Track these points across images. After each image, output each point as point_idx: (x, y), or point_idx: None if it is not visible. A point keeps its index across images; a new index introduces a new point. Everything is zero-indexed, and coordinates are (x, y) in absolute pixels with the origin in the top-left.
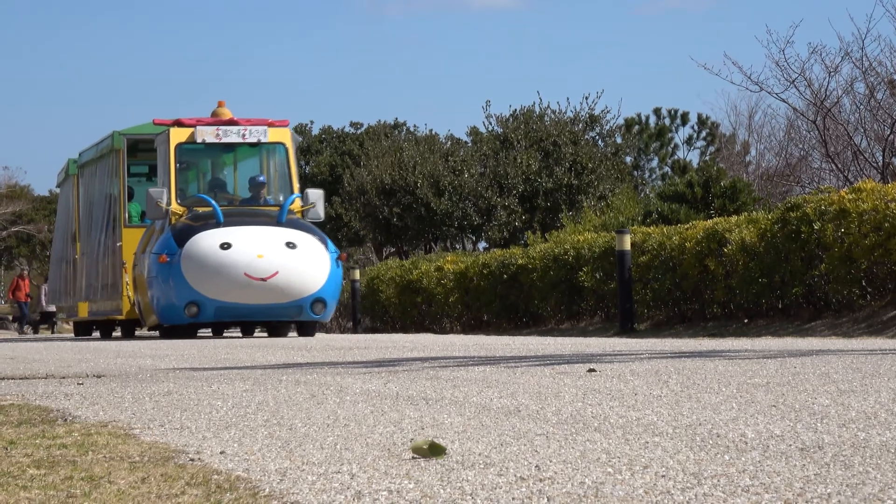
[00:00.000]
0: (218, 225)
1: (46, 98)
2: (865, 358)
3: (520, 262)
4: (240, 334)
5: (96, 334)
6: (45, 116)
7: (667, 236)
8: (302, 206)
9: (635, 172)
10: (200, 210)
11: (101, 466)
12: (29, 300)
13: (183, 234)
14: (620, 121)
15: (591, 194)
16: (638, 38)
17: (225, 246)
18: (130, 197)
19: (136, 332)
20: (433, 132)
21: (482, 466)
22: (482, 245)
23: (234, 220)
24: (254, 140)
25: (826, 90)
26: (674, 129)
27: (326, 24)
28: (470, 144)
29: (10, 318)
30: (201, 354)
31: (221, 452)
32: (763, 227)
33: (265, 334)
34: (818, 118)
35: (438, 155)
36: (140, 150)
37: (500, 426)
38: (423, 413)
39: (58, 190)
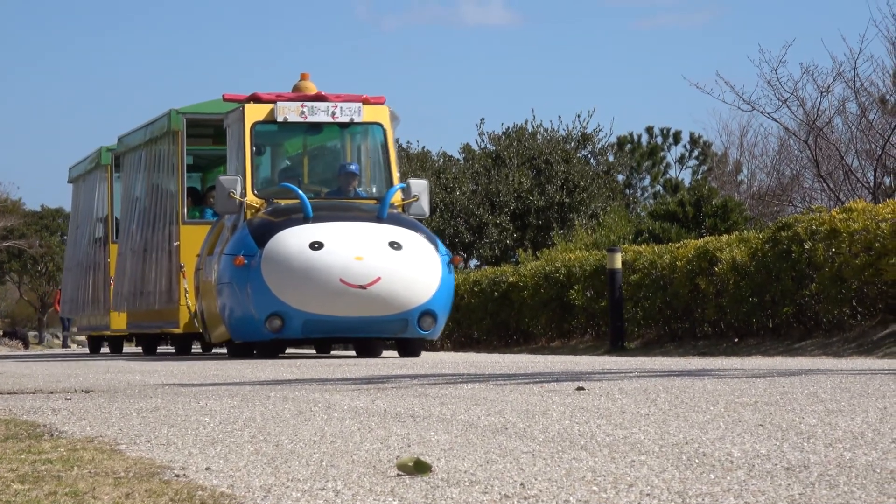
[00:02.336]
0: (305, 220)
1: (38, 112)
2: (854, 378)
3: (511, 279)
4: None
5: (132, 349)
6: (38, 131)
7: (658, 255)
8: (403, 200)
9: (627, 191)
10: (282, 203)
11: (85, 482)
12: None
13: (263, 232)
14: (613, 139)
15: (582, 212)
16: (631, 57)
17: (316, 245)
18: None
19: (191, 348)
20: (425, 149)
21: (467, 484)
22: (473, 263)
23: (324, 214)
24: (346, 119)
25: (818, 110)
26: (666, 147)
27: (321, 37)
28: (462, 162)
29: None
30: (191, 370)
31: (207, 468)
32: (754, 246)
33: (343, 352)
34: (810, 138)
35: (430, 172)
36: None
37: (486, 444)
38: (410, 430)
39: (70, 187)
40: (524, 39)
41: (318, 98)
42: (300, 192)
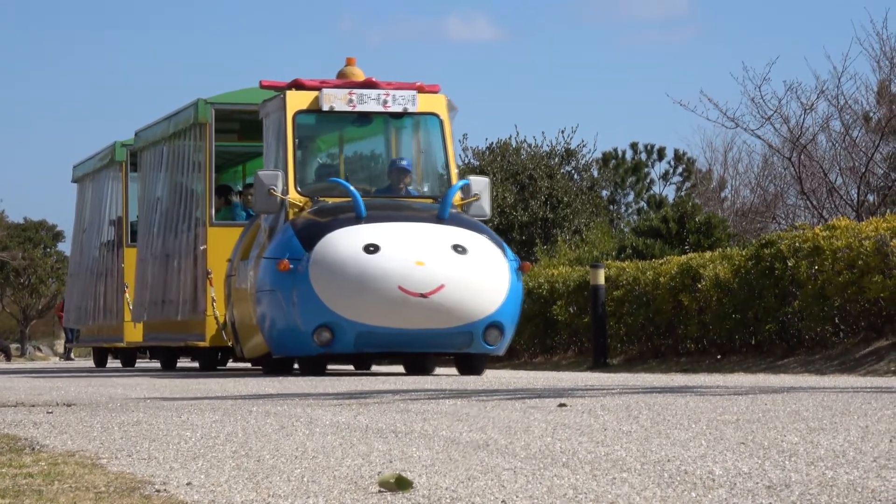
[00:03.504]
0: (357, 220)
1: (20, 124)
2: (836, 396)
3: None
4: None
5: (148, 364)
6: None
7: (641, 271)
8: (462, 199)
9: (611, 207)
10: (330, 201)
11: (66, 496)
12: None
13: (311, 233)
14: (597, 155)
15: (566, 228)
16: (615, 73)
17: (371, 248)
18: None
19: (216, 363)
20: None
21: (448, 501)
22: None
23: (379, 214)
24: (398, 109)
25: (802, 127)
26: (650, 163)
27: (305, 51)
28: None
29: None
30: (172, 384)
31: (188, 484)
32: (737, 263)
33: (382, 367)
34: (794, 155)
35: None
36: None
37: (468, 460)
38: (392, 446)
39: (74, 187)
40: (508, 55)
41: (368, 85)
42: (352, 188)
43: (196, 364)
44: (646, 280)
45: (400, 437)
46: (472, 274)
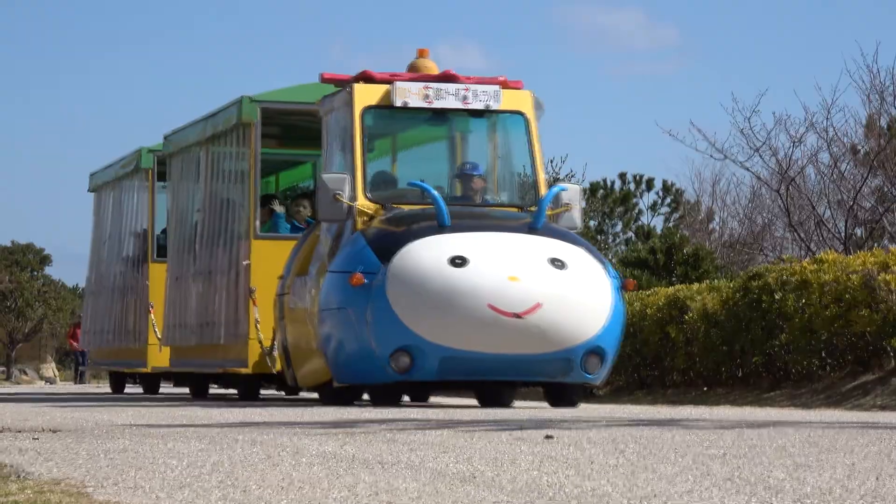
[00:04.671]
0: (440, 229)
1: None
2: (823, 431)
3: None
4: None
5: (172, 390)
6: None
7: (628, 302)
8: (551, 209)
9: (599, 237)
10: (406, 208)
11: None
12: (86, 349)
13: (388, 243)
14: (586, 184)
15: None
16: (604, 103)
17: (458, 261)
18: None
19: (259, 392)
20: None
21: None
22: None
23: (463, 223)
24: (480, 106)
25: (790, 159)
26: (639, 194)
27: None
28: None
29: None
30: (158, 410)
31: None
32: (725, 295)
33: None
34: (782, 187)
35: None
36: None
37: (454, 493)
38: (379, 477)
39: (92, 196)
40: None
41: (446, 78)
42: (434, 192)
43: (227, 391)
44: (633, 311)
45: (386, 469)
46: (572, 292)
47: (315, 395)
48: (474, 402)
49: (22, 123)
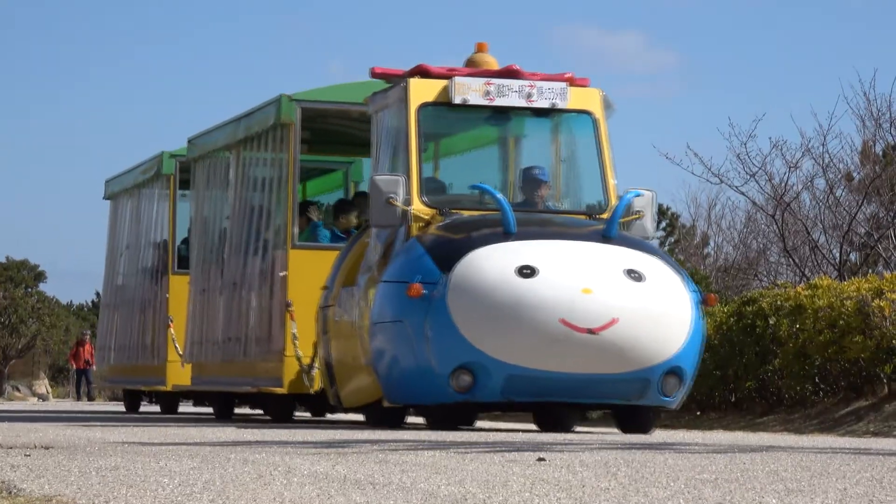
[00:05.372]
0: (506, 237)
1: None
2: (815, 456)
3: None
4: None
5: (197, 409)
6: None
7: None
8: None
9: None
10: (465, 214)
11: None
12: (89, 367)
13: (448, 250)
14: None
15: None
16: None
17: (526, 271)
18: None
19: (293, 413)
20: None
21: None
22: None
23: (530, 230)
24: (545, 104)
25: (786, 185)
26: None
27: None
28: None
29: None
30: (151, 428)
31: None
32: (719, 319)
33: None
34: (777, 212)
35: None
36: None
37: None
38: (370, 498)
39: (107, 203)
40: None
41: (508, 74)
42: (500, 196)
43: (253, 412)
44: None
45: (378, 489)
46: (651, 306)
47: (348, 417)
48: (528, 425)
49: (16, 135)
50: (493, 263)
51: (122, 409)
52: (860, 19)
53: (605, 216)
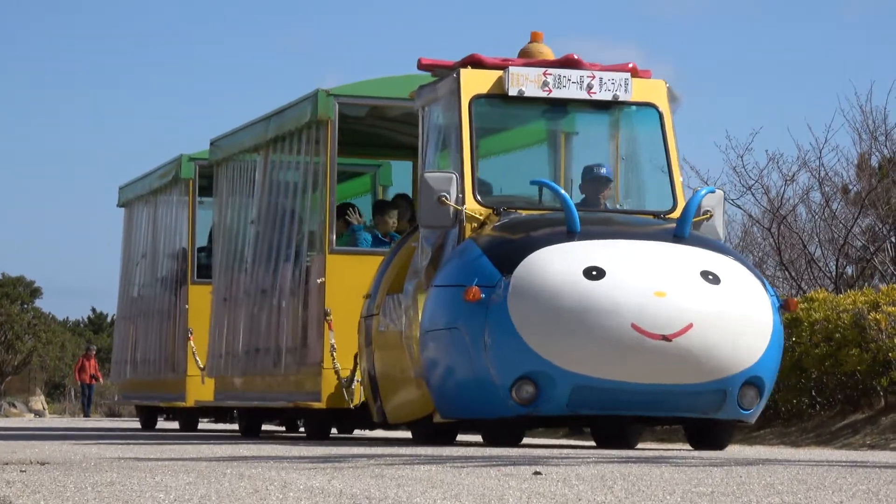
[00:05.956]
0: (569, 236)
1: None
2: (811, 469)
3: None
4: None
5: (218, 426)
6: None
7: None
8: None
9: None
10: (524, 213)
11: None
12: (95, 382)
13: (508, 251)
14: None
15: None
16: None
17: (594, 273)
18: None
19: (330, 430)
20: None
21: None
22: None
23: (596, 229)
24: (606, 97)
25: (782, 198)
26: None
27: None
28: None
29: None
30: (147, 443)
31: None
32: None
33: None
34: (773, 225)
35: None
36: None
37: None
38: None
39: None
40: None
41: (567, 63)
42: (563, 192)
43: (278, 428)
44: None
45: None
46: (729, 311)
47: (374, 434)
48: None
49: (10, 150)
50: (557, 265)
51: (124, 425)
52: (856, 33)
53: (673, 216)
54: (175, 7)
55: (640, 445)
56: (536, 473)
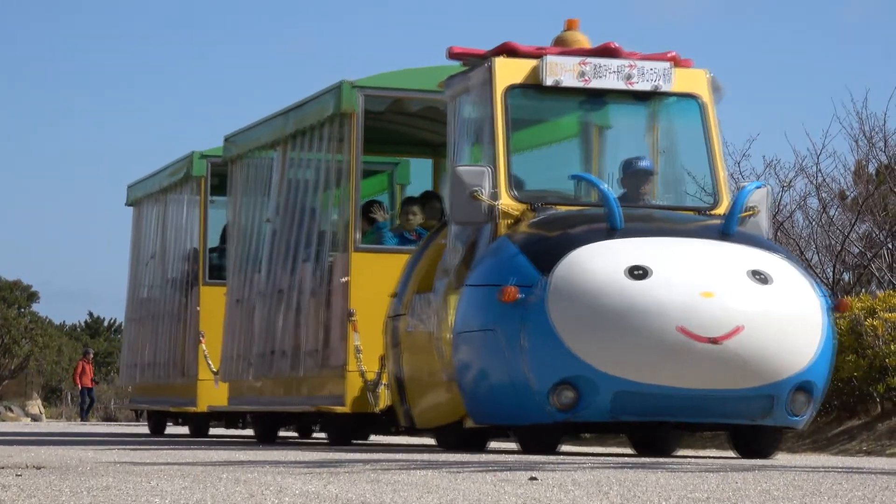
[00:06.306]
0: (611, 234)
1: None
2: (807, 475)
3: None
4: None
5: (230, 431)
6: None
7: None
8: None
9: None
10: (562, 210)
11: None
12: (95, 385)
13: (546, 249)
14: None
15: None
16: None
17: (638, 272)
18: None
19: (350, 436)
20: None
21: None
22: None
23: (638, 226)
24: (647, 87)
25: (779, 204)
26: None
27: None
28: None
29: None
30: (142, 448)
31: None
32: None
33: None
34: (770, 231)
35: None
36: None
37: None
38: None
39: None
40: None
41: (605, 52)
42: (604, 187)
43: (288, 433)
44: None
45: None
46: (779, 312)
47: (393, 440)
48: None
49: (6, 154)
50: (599, 263)
51: (121, 430)
52: (852, 39)
53: (718, 211)
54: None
55: (679, 452)
56: (532, 479)
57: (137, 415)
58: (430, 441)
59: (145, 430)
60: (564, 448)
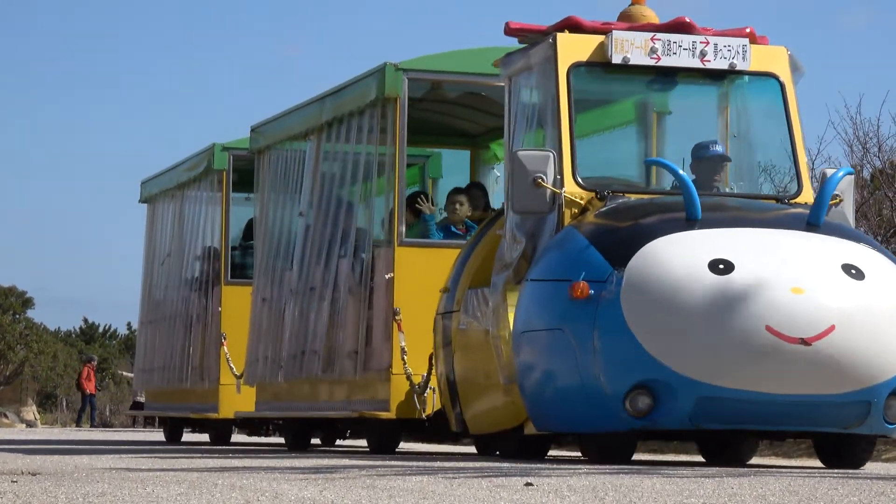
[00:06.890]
0: (689, 224)
1: None
2: (803, 480)
3: None
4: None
5: (253, 438)
6: None
7: None
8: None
9: None
10: (632, 198)
11: None
12: (97, 392)
13: (619, 241)
14: None
15: None
16: None
17: (721, 267)
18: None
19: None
20: None
21: None
22: None
23: (719, 216)
24: (723, 65)
25: None
26: None
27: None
28: None
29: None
30: (139, 455)
31: None
32: None
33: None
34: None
35: None
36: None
37: None
38: None
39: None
40: None
41: (678, 28)
42: (682, 173)
43: (315, 441)
44: None
45: None
46: (875, 310)
47: (431, 447)
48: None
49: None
50: (678, 256)
51: (117, 436)
52: (846, 45)
53: (799, 200)
54: None
55: (758, 461)
56: (528, 484)
57: (134, 421)
58: (472, 448)
59: (144, 436)
60: (557, 453)
